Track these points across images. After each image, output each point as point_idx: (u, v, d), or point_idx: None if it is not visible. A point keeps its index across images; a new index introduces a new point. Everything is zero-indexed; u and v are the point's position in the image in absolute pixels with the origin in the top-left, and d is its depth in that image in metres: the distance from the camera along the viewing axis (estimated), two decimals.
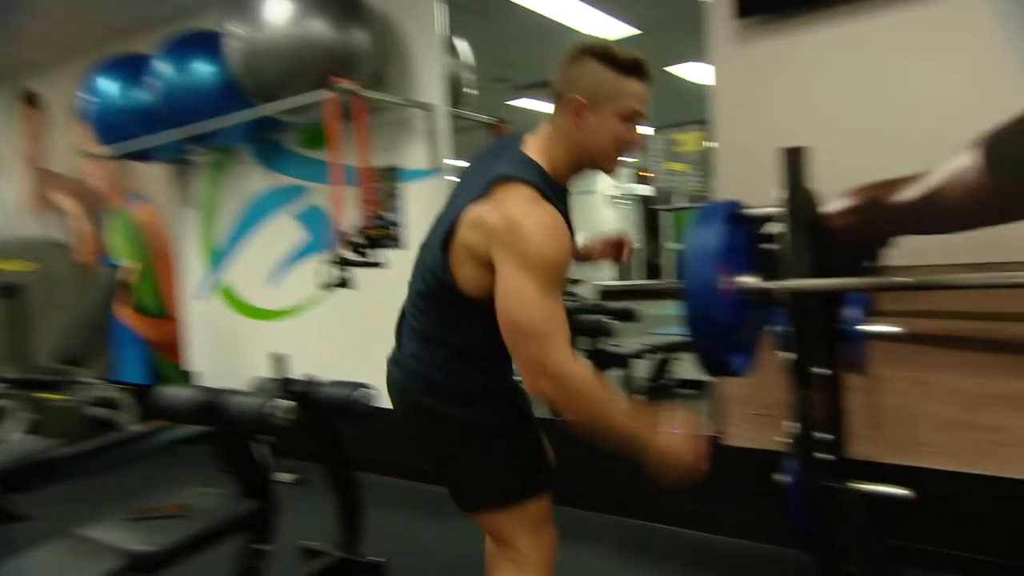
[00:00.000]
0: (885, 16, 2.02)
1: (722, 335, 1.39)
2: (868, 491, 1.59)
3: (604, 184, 9.13)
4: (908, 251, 2.01)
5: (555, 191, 1.28)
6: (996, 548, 1.99)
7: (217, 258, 3.77)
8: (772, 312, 1.56)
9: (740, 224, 1.51)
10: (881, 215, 2.05)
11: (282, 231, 3.47)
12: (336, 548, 2.09)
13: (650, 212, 5.74)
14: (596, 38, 1.30)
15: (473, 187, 1.27)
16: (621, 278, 4.16)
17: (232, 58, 2.72)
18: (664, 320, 3.40)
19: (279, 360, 2.11)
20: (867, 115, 2.07)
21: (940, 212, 1.96)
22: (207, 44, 2.92)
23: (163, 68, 3.00)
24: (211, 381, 3.44)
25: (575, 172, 1.34)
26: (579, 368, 1.17)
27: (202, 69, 2.94)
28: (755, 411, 2.32)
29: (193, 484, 1.89)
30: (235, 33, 2.66)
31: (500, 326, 1.21)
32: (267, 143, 3.45)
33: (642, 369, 3.82)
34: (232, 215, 3.68)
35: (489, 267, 1.22)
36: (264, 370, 2.17)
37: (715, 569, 2.29)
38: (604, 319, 3.53)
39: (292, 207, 3.43)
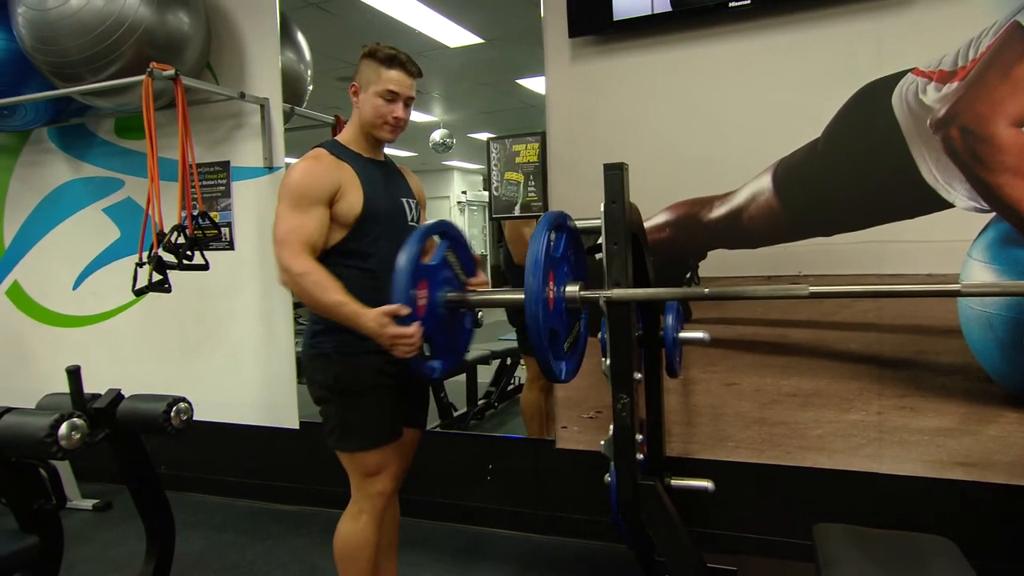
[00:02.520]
0: (700, 48, 2.20)
1: (546, 342, 1.43)
2: (675, 485, 1.73)
3: (456, 191, 9.24)
4: (729, 264, 2.21)
5: (346, 153, 1.70)
6: (782, 530, 2.23)
7: (3, 254, 3.31)
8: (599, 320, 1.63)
9: (567, 235, 1.57)
10: (695, 230, 2.24)
11: (91, 227, 3.11)
12: None
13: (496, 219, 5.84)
14: (384, 45, 1.68)
15: None
16: None
17: (21, 29, 2.38)
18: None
19: (74, 373, 1.86)
20: (683, 136, 2.24)
21: (743, 228, 2.18)
22: None
23: None
24: None
25: (366, 140, 1.74)
26: (304, 264, 1.55)
27: None
28: (585, 414, 2.43)
29: None
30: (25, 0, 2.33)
31: None
32: (73, 129, 3.08)
33: (486, 374, 3.89)
34: (24, 206, 3.24)
35: None
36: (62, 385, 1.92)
37: (550, 568, 2.35)
38: None
39: (103, 201, 3.08)
